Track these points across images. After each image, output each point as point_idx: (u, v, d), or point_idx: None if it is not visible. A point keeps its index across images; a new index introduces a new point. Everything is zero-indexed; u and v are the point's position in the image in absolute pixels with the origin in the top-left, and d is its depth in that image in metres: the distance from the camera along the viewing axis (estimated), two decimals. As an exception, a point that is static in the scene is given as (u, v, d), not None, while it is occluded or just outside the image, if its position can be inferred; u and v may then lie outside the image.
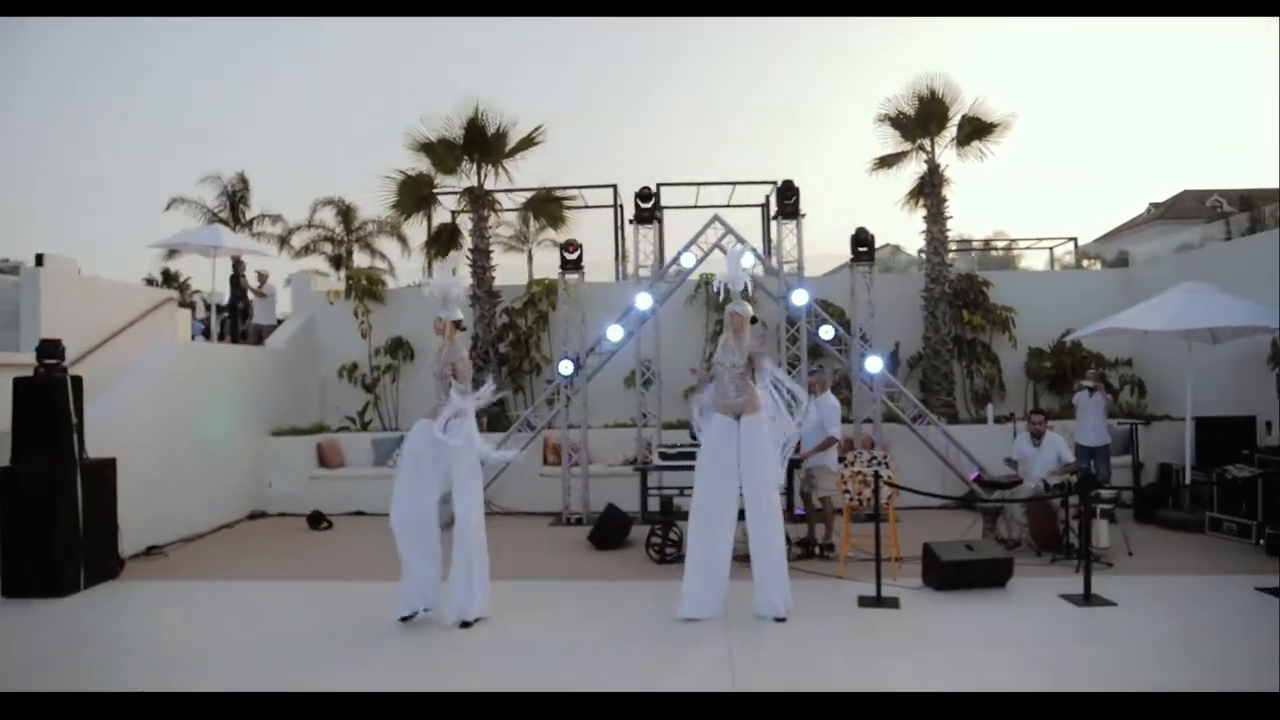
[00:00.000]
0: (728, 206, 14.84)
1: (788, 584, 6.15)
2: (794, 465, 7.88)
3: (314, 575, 7.83)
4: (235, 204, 27.10)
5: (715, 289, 6.73)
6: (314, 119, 68.07)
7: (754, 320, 6.43)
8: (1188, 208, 39.28)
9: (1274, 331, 9.16)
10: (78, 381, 7.49)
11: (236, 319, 13.49)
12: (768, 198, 16.14)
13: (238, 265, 13.47)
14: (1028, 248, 19.91)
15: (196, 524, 9.75)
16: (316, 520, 10.15)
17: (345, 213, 28.90)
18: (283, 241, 27.21)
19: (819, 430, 8.21)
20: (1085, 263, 18.90)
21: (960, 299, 12.50)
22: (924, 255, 12.46)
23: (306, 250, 28.12)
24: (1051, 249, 17.94)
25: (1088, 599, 6.41)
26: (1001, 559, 6.89)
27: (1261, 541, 8.13)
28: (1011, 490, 8.16)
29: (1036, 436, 8.54)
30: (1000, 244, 22.60)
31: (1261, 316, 9.05)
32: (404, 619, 6.03)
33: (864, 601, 6.47)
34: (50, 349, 7.39)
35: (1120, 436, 10.60)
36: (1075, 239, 19.26)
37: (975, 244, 21.24)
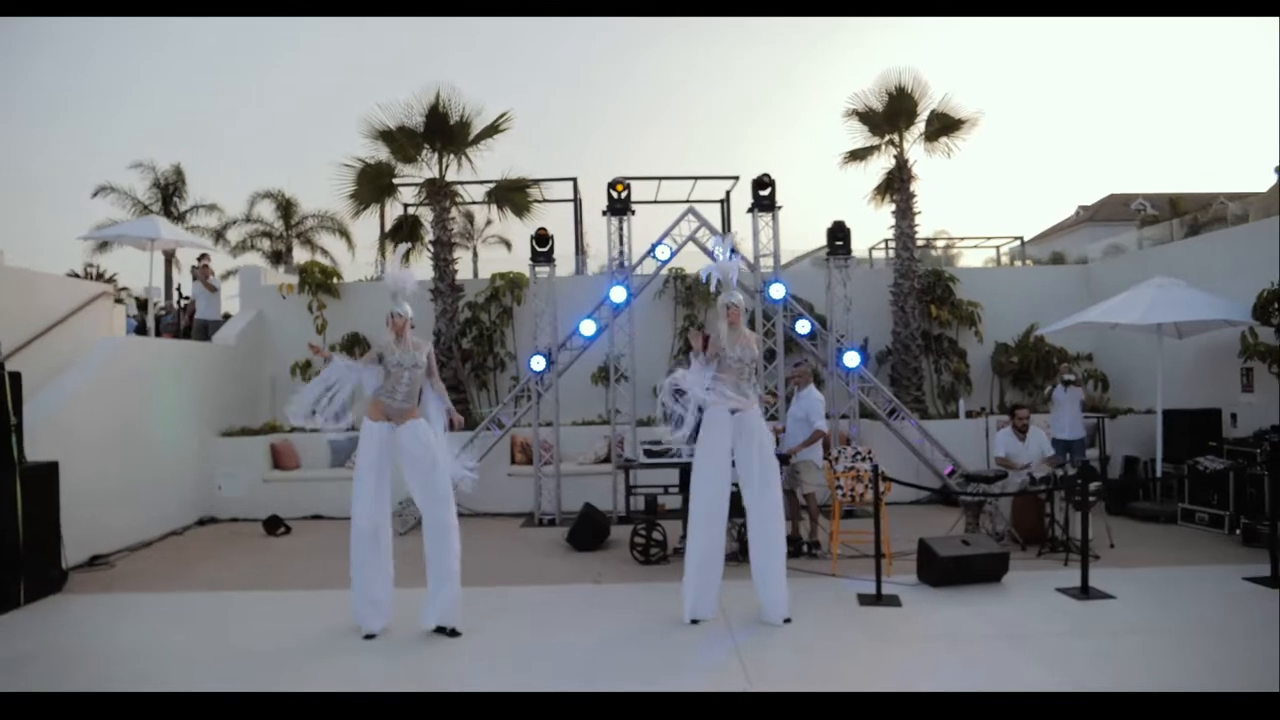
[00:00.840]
0: (687, 201, 14.64)
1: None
2: (782, 460, 7.68)
3: (275, 584, 7.35)
4: (169, 196, 25.97)
5: (705, 279, 6.47)
6: (256, 111, 65.91)
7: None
8: (1115, 210, 40.79)
9: (1241, 325, 9.32)
10: (16, 378, 6.89)
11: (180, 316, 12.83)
12: (728, 193, 16.03)
13: (203, 258, 12.84)
14: (974, 246, 20.22)
15: (143, 531, 9.14)
16: (274, 525, 9.60)
17: (285, 207, 27.99)
18: (218, 236, 26.18)
19: (804, 424, 8.03)
20: (1018, 263, 19.21)
21: (927, 294, 12.51)
22: (892, 250, 12.41)
23: (244, 246, 27.16)
24: (998, 248, 18.21)
25: (1085, 592, 6.36)
26: (998, 554, 6.80)
27: (1237, 531, 8.24)
28: (1000, 484, 8.10)
29: (1022, 431, 8.51)
30: (941, 242, 22.84)
31: (1231, 311, 9.22)
32: (369, 637, 5.69)
33: (864, 600, 6.31)
34: (-16, 343, 6.76)
35: (1086, 430, 10.70)
36: (1021, 238, 19.65)
37: (919, 241, 21.50)
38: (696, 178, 15.29)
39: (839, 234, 10.31)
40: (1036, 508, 8.12)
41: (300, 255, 25.72)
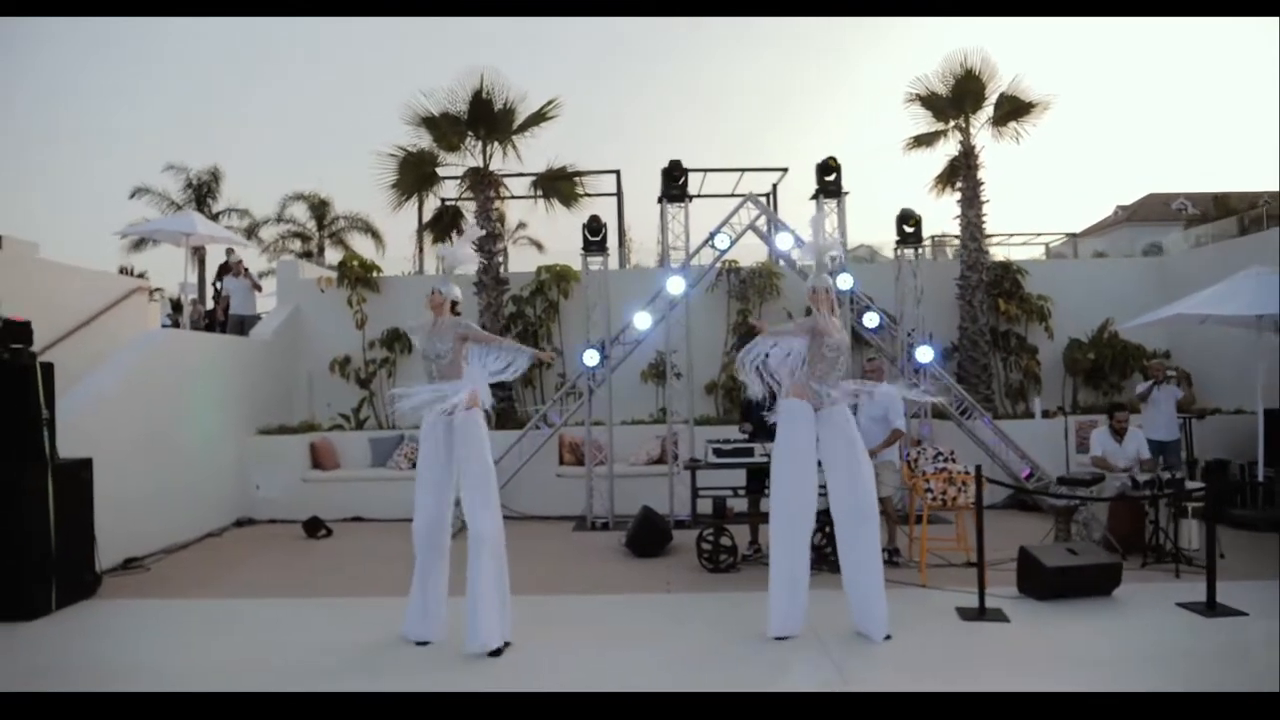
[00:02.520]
0: (733, 195, 14.09)
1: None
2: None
3: (317, 591, 6.86)
4: (202, 197, 25.91)
5: (800, 261, 5.91)
6: (293, 113, 66.15)
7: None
8: (1154, 210, 39.71)
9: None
10: (48, 369, 6.47)
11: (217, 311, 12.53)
12: (774, 186, 15.45)
13: (230, 252, 12.62)
14: (1023, 244, 19.52)
15: (179, 533, 8.71)
16: (314, 527, 9.16)
17: (318, 207, 27.86)
18: (249, 234, 26.06)
19: (881, 423, 7.44)
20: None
21: (995, 288, 11.86)
22: (960, 241, 11.77)
23: (276, 248, 27.02)
24: (1047, 245, 17.49)
25: (1212, 608, 5.71)
26: (1110, 564, 6.17)
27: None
28: (1097, 488, 7.46)
29: (1119, 433, 7.87)
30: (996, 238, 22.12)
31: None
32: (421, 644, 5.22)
33: (966, 614, 5.70)
34: (18, 331, 6.35)
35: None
36: (1073, 234, 18.89)
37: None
38: (743, 169, 14.73)
39: (908, 221, 9.69)
40: (1137, 514, 7.46)
41: (332, 256, 25.51)
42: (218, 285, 13.07)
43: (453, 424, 5.18)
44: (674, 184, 9.42)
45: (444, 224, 12.10)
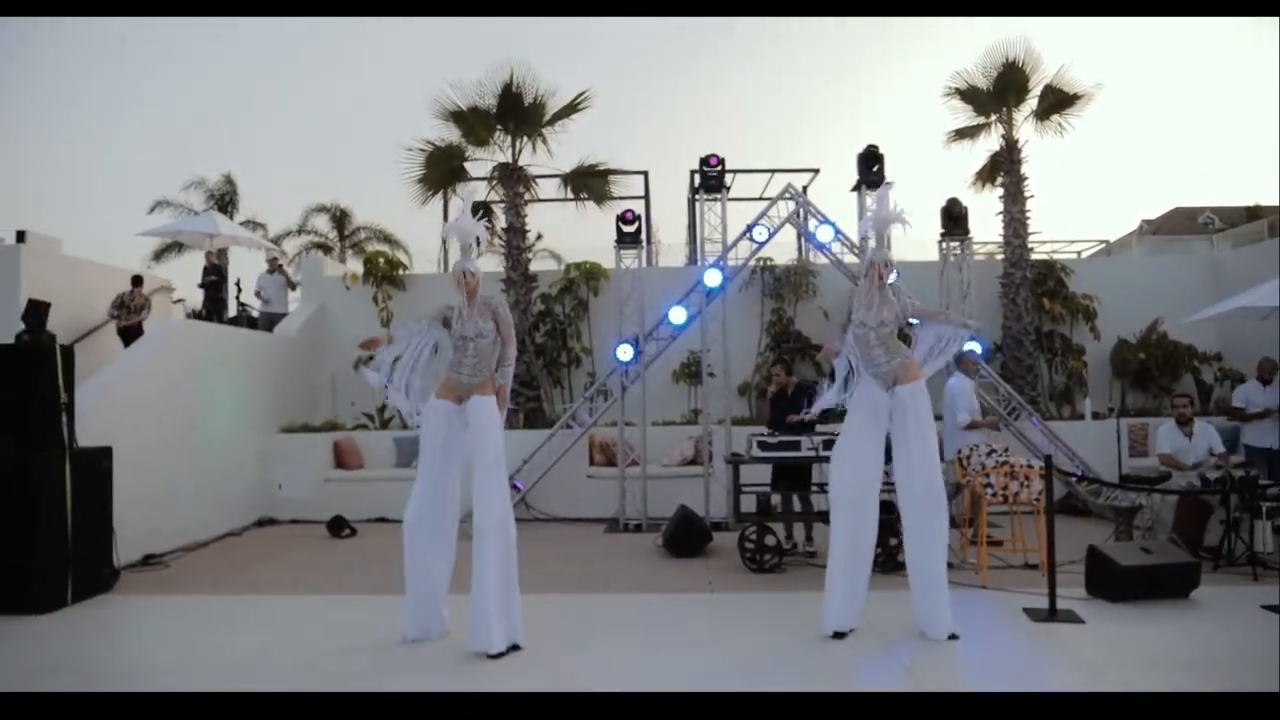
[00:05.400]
0: (761, 199, 13.80)
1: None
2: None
3: (339, 589, 6.56)
4: (223, 207, 25.96)
5: (862, 234, 5.60)
6: (311, 123, 66.64)
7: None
8: (1179, 224, 39.02)
9: None
10: (68, 353, 6.23)
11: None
12: (805, 188, 15.14)
13: (272, 262, 12.66)
14: (1053, 253, 19.09)
15: (199, 530, 8.45)
16: (338, 526, 8.87)
17: (339, 218, 27.87)
18: (274, 245, 26.05)
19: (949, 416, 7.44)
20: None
21: (1039, 286, 11.46)
22: (1002, 238, 11.38)
23: (299, 257, 27.00)
24: (1079, 253, 17.05)
25: (1303, 611, 5.29)
26: (1188, 564, 5.74)
27: None
28: (1163, 486, 7.04)
29: (1184, 424, 7.43)
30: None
31: None
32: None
33: (1035, 616, 5.30)
34: (36, 312, 6.13)
35: (1228, 434, 9.52)
36: (1106, 241, 18.42)
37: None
38: (774, 170, 14.47)
39: (954, 213, 9.33)
40: (1206, 515, 7.02)
41: (355, 266, 25.40)
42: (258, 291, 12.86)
43: (465, 408, 4.88)
44: (711, 174, 9.12)
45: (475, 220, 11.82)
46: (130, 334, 10.68)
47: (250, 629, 5.46)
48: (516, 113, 10.89)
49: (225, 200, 26.05)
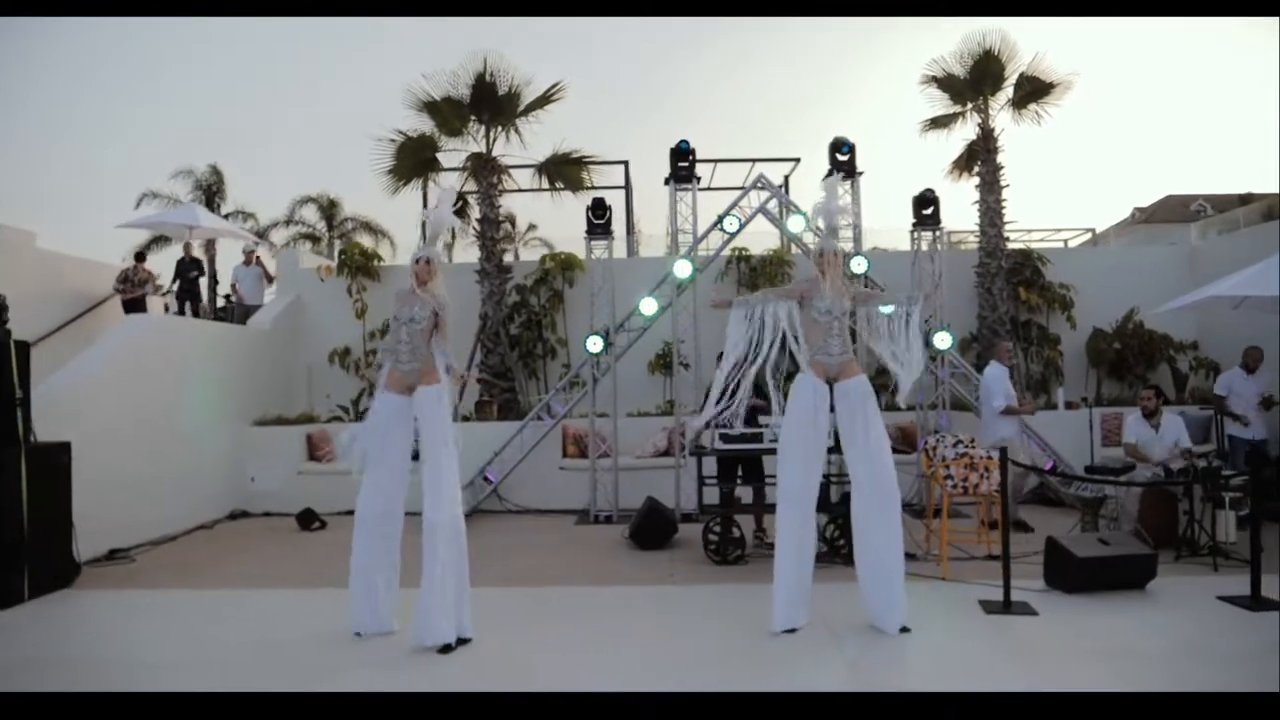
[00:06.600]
0: (743, 189, 13.75)
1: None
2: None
3: (305, 582, 6.54)
4: (210, 198, 25.83)
5: (810, 223, 5.58)
6: (298, 114, 66.24)
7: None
8: (1172, 212, 38.98)
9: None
10: (23, 348, 6.19)
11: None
12: (786, 177, 15.08)
13: (249, 255, 12.55)
14: (1041, 241, 19.08)
15: (168, 524, 8.42)
16: (308, 519, 8.86)
17: (328, 208, 27.74)
18: (261, 236, 25.94)
19: (985, 406, 7.92)
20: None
21: (1015, 275, 11.44)
22: (978, 227, 11.35)
23: (286, 248, 26.90)
24: (1065, 241, 17.03)
25: (1257, 601, 5.30)
26: (1144, 555, 5.76)
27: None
28: (1126, 478, 7.05)
29: (1150, 415, 7.43)
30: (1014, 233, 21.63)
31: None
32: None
33: (989, 608, 5.31)
34: (-9, 306, 6.09)
35: (1200, 424, 9.54)
36: (1093, 230, 18.39)
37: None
38: (754, 159, 14.38)
39: (926, 203, 9.29)
40: (1171, 506, 7.03)
41: (344, 257, 25.36)
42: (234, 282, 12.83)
43: (413, 400, 4.87)
44: (681, 164, 9.07)
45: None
46: (134, 307, 10.91)
47: (207, 623, 5.45)
48: (490, 102, 10.82)
49: (212, 191, 25.99)
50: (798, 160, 15.03)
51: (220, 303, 13.93)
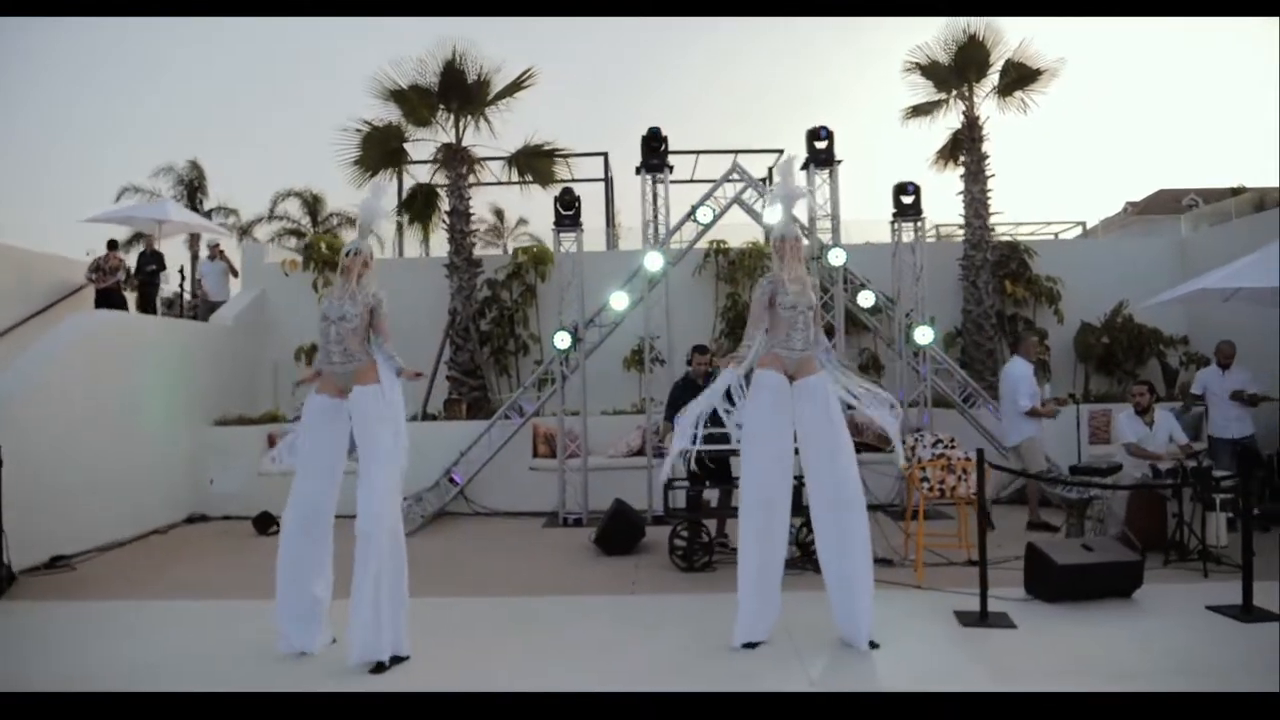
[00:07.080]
0: (725, 181, 13.44)
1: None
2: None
3: (250, 591, 6.17)
4: (192, 194, 25.41)
5: (767, 205, 5.27)
6: (283, 110, 65.74)
7: None
8: (1164, 206, 38.77)
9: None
10: (-55, 347, 5.83)
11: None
12: (770, 169, 14.77)
13: (213, 249, 12.32)
14: (1031, 235, 18.82)
15: (118, 529, 8.06)
16: (265, 523, 8.51)
17: (312, 203, 27.32)
18: (243, 234, 25.54)
19: (1011, 405, 7.73)
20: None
21: (1001, 269, 11.13)
22: (963, 219, 11.03)
23: (270, 244, 26.49)
24: (1056, 234, 16.76)
25: (1249, 612, 5.00)
26: (1130, 562, 5.45)
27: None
28: (1113, 479, 6.75)
29: (1143, 412, 7.13)
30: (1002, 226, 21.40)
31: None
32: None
33: (965, 619, 5.00)
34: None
35: (1191, 421, 9.24)
36: (1084, 223, 18.13)
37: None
38: (736, 150, 14.05)
39: (906, 192, 8.97)
40: (1159, 508, 6.73)
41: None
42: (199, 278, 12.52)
43: (348, 402, 4.54)
44: (653, 152, 8.73)
45: (418, 204, 11.40)
46: (107, 296, 10.72)
47: (144, 634, 5.14)
48: (459, 91, 10.46)
49: (194, 187, 25.59)
50: (780, 152, 14.70)
51: (187, 298, 13.58)
